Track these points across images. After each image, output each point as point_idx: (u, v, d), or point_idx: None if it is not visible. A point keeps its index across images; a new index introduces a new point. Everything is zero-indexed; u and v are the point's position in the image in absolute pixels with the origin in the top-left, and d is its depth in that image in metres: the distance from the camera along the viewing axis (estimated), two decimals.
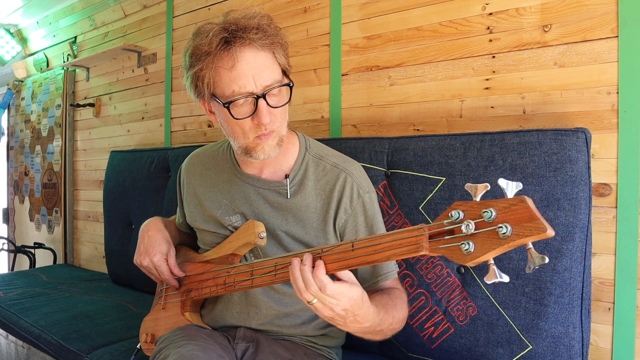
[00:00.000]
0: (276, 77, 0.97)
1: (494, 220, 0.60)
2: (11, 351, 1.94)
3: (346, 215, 1.04)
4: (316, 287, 0.78)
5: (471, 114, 1.46)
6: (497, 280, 0.62)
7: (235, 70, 0.93)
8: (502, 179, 0.61)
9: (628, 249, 1.20)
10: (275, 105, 0.97)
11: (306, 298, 0.80)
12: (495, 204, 0.61)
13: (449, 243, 0.65)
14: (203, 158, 1.23)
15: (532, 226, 0.57)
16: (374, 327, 0.89)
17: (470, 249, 0.62)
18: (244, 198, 1.11)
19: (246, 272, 0.99)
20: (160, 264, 1.14)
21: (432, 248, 0.67)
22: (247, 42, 0.93)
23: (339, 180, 1.05)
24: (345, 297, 0.79)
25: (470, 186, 0.64)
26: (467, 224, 0.62)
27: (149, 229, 1.20)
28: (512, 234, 0.58)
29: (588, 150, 1.14)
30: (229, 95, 0.95)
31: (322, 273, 0.79)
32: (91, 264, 2.98)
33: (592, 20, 1.26)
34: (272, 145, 1.00)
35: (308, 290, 0.79)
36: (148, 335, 1.21)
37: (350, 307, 0.80)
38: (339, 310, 0.80)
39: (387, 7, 1.64)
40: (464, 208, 0.64)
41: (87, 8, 2.96)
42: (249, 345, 1.06)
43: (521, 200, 0.59)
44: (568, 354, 1.11)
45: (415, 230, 0.69)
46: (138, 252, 1.18)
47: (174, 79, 2.45)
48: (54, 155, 3.22)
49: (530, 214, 0.58)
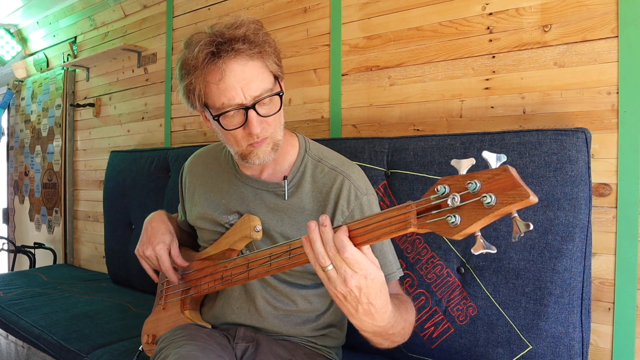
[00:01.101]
0: (266, 86, 0.96)
1: (479, 191, 0.60)
2: (11, 351, 1.94)
3: (343, 217, 1.04)
4: (335, 248, 0.71)
5: (471, 114, 1.46)
6: (484, 251, 0.62)
7: (223, 83, 0.93)
8: (486, 152, 0.61)
9: (628, 249, 1.20)
10: (266, 114, 0.97)
11: (321, 263, 0.72)
12: (479, 175, 0.61)
13: (435, 217, 0.64)
14: (205, 158, 1.24)
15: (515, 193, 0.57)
16: (387, 330, 0.82)
17: (457, 222, 0.61)
18: (242, 199, 1.11)
19: (242, 265, 0.99)
20: (162, 254, 1.13)
21: (420, 224, 0.66)
22: (233, 54, 0.92)
23: (335, 182, 1.05)
24: (363, 270, 0.71)
25: (455, 161, 0.64)
26: (452, 197, 0.62)
27: (152, 220, 1.21)
28: (496, 202, 0.58)
29: (588, 150, 1.14)
30: (219, 107, 0.95)
31: (345, 235, 0.72)
32: (91, 264, 2.98)
33: (592, 20, 1.26)
34: (266, 151, 1.00)
35: (326, 252, 0.72)
36: (149, 336, 1.21)
37: (366, 288, 0.72)
38: (352, 285, 0.71)
39: (387, 7, 1.64)
40: (449, 182, 0.64)
41: (87, 8, 2.96)
42: (249, 345, 1.06)
43: (504, 170, 0.59)
44: (568, 354, 1.11)
45: (403, 207, 0.69)
46: (140, 242, 1.18)
47: (174, 79, 2.45)
48: (54, 155, 3.22)
49: (513, 181, 0.58)
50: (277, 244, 0.92)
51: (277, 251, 0.90)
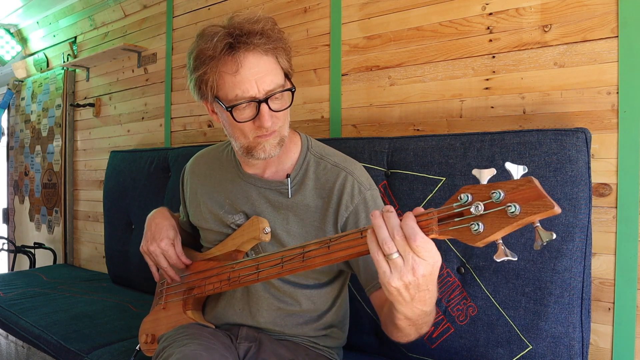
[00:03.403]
0: (279, 81, 0.98)
1: (503, 200, 0.62)
2: (11, 351, 1.94)
3: (347, 212, 1.04)
4: (402, 235, 0.67)
5: (471, 114, 1.46)
6: (506, 259, 0.64)
7: (239, 75, 0.94)
8: (508, 163, 0.63)
9: (628, 249, 1.20)
10: (278, 109, 0.98)
11: (386, 250, 0.68)
12: (503, 186, 0.63)
13: (458, 225, 0.66)
14: (207, 159, 1.24)
15: (540, 204, 0.59)
16: (427, 315, 0.79)
17: (480, 229, 0.63)
18: (246, 198, 1.11)
19: (252, 267, 0.99)
20: (168, 249, 1.14)
21: (442, 231, 0.68)
22: (251, 47, 0.94)
23: (339, 179, 1.06)
24: (431, 258, 0.68)
25: (477, 171, 0.66)
26: (476, 205, 0.64)
27: (155, 216, 1.21)
28: (520, 212, 0.60)
29: (588, 150, 1.14)
30: (231, 99, 0.96)
31: (414, 222, 0.68)
32: (91, 264, 2.98)
33: (592, 20, 1.26)
34: (273, 145, 1.01)
35: (393, 239, 0.68)
36: (148, 335, 1.21)
37: (430, 275, 0.69)
38: (420, 274, 0.68)
39: (387, 7, 1.64)
40: (472, 191, 0.66)
41: (87, 8, 2.96)
42: (252, 345, 1.06)
43: (529, 181, 0.61)
44: (568, 354, 1.11)
45: (424, 214, 0.70)
46: (145, 239, 1.18)
47: (174, 79, 2.45)
48: (54, 155, 3.22)
49: (539, 192, 0.60)
50: (289, 247, 0.92)
51: (290, 254, 0.90)
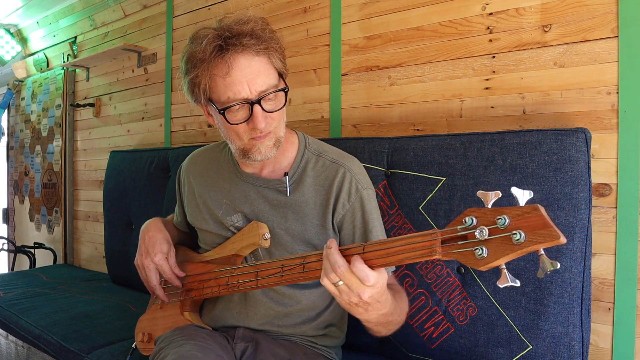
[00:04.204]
0: (271, 82, 0.97)
1: (508, 227, 0.62)
2: (11, 351, 1.94)
3: (344, 210, 1.04)
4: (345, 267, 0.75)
5: (471, 114, 1.46)
6: (509, 284, 0.64)
7: (230, 77, 0.93)
8: (514, 188, 0.63)
9: (628, 249, 1.20)
10: (271, 110, 0.98)
11: (332, 279, 0.76)
12: (508, 212, 0.63)
13: (462, 248, 0.66)
14: (204, 158, 1.24)
15: (545, 233, 0.59)
16: (387, 317, 0.87)
17: (484, 254, 0.63)
18: (244, 197, 1.11)
19: (251, 273, 0.99)
20: (162, 263, 1.14)
21: (445, 252, 0.68)
22: (240, 48, 0.94)
23: (337, 175, 1.06)
24: (376, 283, 0.75)
25: (482, 193, 0.66)
26: (481, 230, 0.64)
27: (148, 229, 1.21)
28: (525, 240, 0.60)
29: (588, 150, 1.14)
30: (224, 102, 0.95)
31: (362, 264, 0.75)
32: (91, 264, 2.98)
33: (592, 20, 1.26)
34: (268, 146, 1.00)
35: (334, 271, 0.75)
36: (145, 334, 1.21)
37: (378, 295, 0.77)
38: (366, 297, 0.76)
39: (387, 7, 1.64)
40: (477, 214, 0.66)
41: (87, 8, 2.96)
42: (248, 345, 1.06)
43: (535, 209, 0.61)
44: (568, 354, 1.11)
45: (428, 235, 0.70)
46: (139, 253, 1.18)
47: (174, 79, 2.45)
48: (54, 155, 3.22)
49: (544, 221, 0.60)
50: (290, 256, 0.92)
51: (290, 263, 0.90)
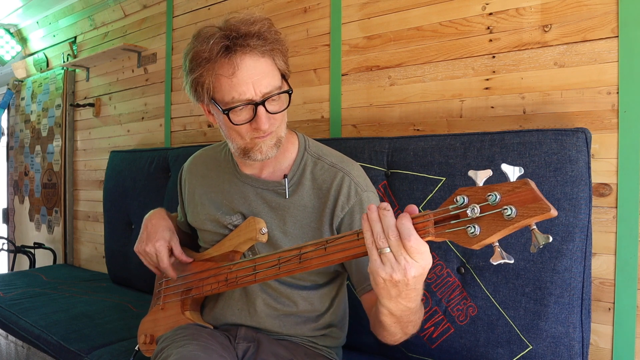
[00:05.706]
0: (276, 83, 0.97)
1: (499, 203, 0.62)
2: (11, 351, 1.94)
3: (343, 213, 1.04)
4: (396, 234, 0.69)
5: (471, 114, 1.46)
6: (502, 261, 0.63)
7: (235, 77, 0.93)
8: (504, 164, 0.63)
9: (628, 249, 1.20)
10: (275, 111, 0.97)
11: (379, 245, 0.70)
12: (499, 188, 0.62)
13: (454, 227, 0.66)
14: (205, 159, 1.24)
15: (536, 207, 0.59)
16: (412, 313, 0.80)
17: (476, 232, 0.63)
18: (243, 198, 1.11)
19: (249, 268, 0.99)
20: (161, 250, 1.13)
21: (438, 233, 0.68)
22: (247, 49, 0.93)
23: (336, 179, 1.05)
24: (424, 260, 0.70)
25: (473, 172, 0.66)
26: (472, 207, 0.64)
27: (152, 217, 1.21)
28: (516, 215, 0.60)
29: (588, 150, 1.14)
30: (228, 102, 0.95)
31: (409, 222, 0.69)
32: (91, 264, 2.98)
33: (592, 20, 1.26)
34: (269, 146, 1.00)
35: (387, 239, 0.69)
36: (147, 336, 1.21)
37: (421, 276, 0.71)
38: (411, 275, 0.69)
39: (387, 7, 1.64)
40: (468, 193, 0.65)
41: (87, 8, 2.96)
42: (250, 345, 1.06)
43: (525, 183, 0.61)
44: (568, 354, 1.11)
45: (420, 217, 0.70)
46: (140, 239, 1.18)
47: (174, 79, 2.45)
48: (53, 155, 3.22)
49: (534, 195, 0.60)
50: (286, 248, 0.92)
51: (287, 255, 0.90)
